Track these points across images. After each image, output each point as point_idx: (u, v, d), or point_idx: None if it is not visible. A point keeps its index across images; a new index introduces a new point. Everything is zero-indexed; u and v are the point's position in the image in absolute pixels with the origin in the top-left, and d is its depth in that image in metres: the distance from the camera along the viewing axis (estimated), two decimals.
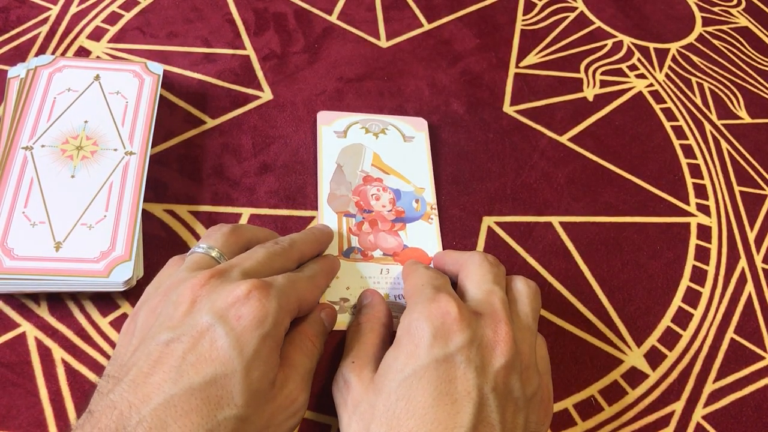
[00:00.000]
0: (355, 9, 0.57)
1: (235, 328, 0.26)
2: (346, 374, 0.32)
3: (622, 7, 0.63)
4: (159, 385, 0.25)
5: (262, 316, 0.27)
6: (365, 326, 0.35)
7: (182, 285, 0.29)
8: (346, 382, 0.32)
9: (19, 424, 0.33)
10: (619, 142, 0.52)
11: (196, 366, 0.25)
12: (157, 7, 0.53)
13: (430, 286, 0.33)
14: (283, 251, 0.34)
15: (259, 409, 0.27)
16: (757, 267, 0.47)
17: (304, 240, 0.37)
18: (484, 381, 0.28)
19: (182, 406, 0.24)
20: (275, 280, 0.30)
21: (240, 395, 0.26)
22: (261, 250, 0.33)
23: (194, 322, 0.27)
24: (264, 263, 0.32)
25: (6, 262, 0.35)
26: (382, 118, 0.49)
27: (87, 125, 0.41)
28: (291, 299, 0.30)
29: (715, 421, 0.39)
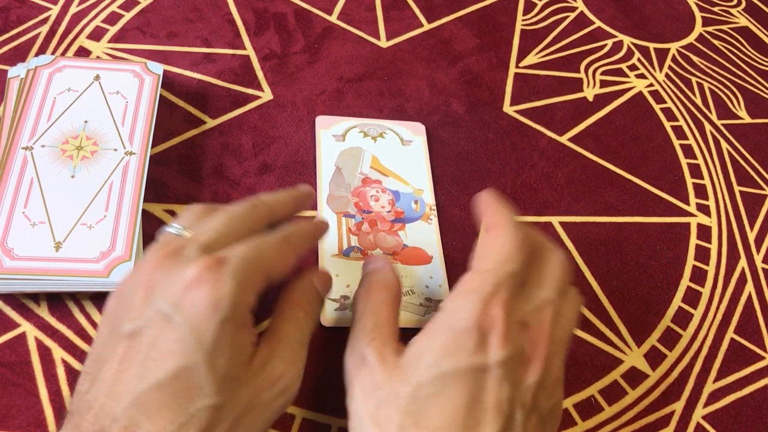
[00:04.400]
0: (355, 9, 0.57)
1: (190, 318, 0.25)
2: (364, 351, 0.29)
3: (622, 7, 0.63)
4: (128, 382, 0.24)
5: (217, 300, 0.25)
6: (377, 296, 0.32)
7: (138, 269, 0.27)
8: (364, 359, 0.29)
9: (19, 424, 0.33)
10: (619, 142, 0.52)
11: (159, 361, 0.24)
12: (157, 7, 0.53)
13: (505, 275, 0.29)
14: (246, 213, 0.30)
15: (235, 394, 0.26)
16: (757, 267, 0.47)
17: (274, 198, 0.33)
18: (516, 396, 0.27)
19: (152, 403, 0.24)
20: (232, 253, 0.27)
21: (209, 384, 0.25)
22: (219, 216, 0.30)
23: (152, 313, 0.25)
24: (223, 231, 0.29)
25: (6, 262, 0.35)
26: (380, 123, 0.49)
27: (87, 125, 0.41)
28: (253, 271, 0.27)
29: (715, 421, 0.39)
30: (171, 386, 0.24)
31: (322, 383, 0.37)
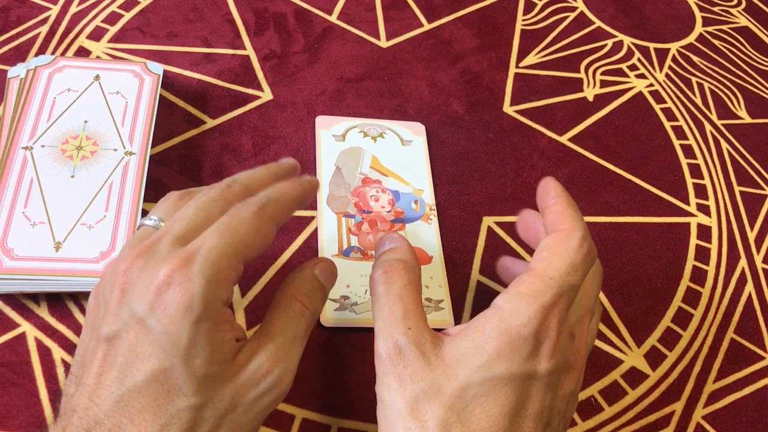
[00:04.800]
0: (355, 9, 0.57)
1: (162, 320, 0.24)
2: (401, 341, 0.28)
3: (622, 7, 0.63)
4: (108, 386, 0.24)
5: (188, 302, 0.24)
6: (401, 279, 0.30)
7: (114, 267, 0.27)
8: (400, 350, 0.28)
9: (18, 425, 0.33)
10: (619, 142, 0.52)
11: (137, 363, 0.24)
12: (157, 7, 0.53)
13: (568, 287, 0.28)
14: (220, 195, 0.28)
15: (216, 393, 0.25)
16: (757, 267, 0.47)
17: (251, 175, 0.30)
18: (555, 404, 0.28)
19: (133, 405, 0.24)
20: (203, 244, 0.26)
21: (187, 385, 0.24)
22: (192, 203, 0.28)
23: (127, 316, 0.25)
24: (197, 220, 0.27)
25: (6, 263, 0.35)
26: (380, 123, 0.49)
27: (87, 125, 0.41)
28: (224, 261, 0.26)
29: (715, 421, 0.39)
30: (150, 388, 0.24)
31: (322, 383, 0.37)
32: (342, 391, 0.37)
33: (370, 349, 0.38)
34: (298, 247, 0.42)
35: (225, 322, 0.26)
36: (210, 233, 0.26)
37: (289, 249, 0.42)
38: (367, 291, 0.40)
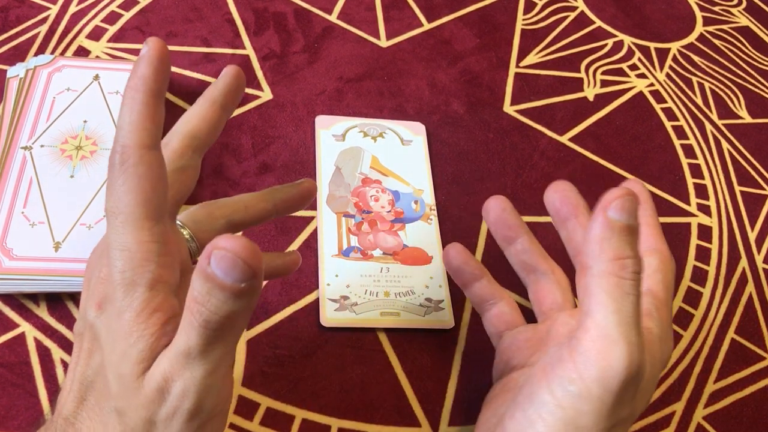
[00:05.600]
0: (355, 9, 0.57)
1: (98, 316, 0.24)
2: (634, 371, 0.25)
3: (623, 6, 0.63)
4: (72, 382, 0.25)
5: (111, 293, 0.24)
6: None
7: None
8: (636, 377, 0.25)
9: (18, 425, 0.33)
10: (619, 142, 0.52)
11: (88, 360, 0.25)
12: (157, 7, 0.53)
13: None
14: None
15: (131, 401, 0.22)
16: (758, 267, 0.47)
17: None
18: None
19: (90, 401, 0.24)
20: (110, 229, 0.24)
21: (112, 383, 0.23)
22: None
23: (83, 315, 0.26)
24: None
25: (5, 263, 0.35)
26: (380, 122, 0.49)
27: (86, 125, 0.41)
28: (130, 237, 0.23)
29: (716, 421, 0.39)
30: (97, 384, 0.24)
31: (322, 383, 0.37)
32: (342, 391, 0.37)
33: (370, 349, 0.39)
34: (298, 247, 0.42)
35: (153, 312, 0.22)
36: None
37: (289, 249, 0.41)
38: (366, 291, 0.40)
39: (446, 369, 0.39)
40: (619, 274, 0.25)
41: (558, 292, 0.34)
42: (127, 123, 0.23)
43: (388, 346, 0.39)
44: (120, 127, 0.23)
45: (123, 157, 0.23)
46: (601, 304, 0.24)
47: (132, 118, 0.23)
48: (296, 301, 0.39)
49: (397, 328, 0.39)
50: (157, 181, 0.23)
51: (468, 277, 0.36)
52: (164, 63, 0.24)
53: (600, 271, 0.25)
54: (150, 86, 0.23)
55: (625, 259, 0.25)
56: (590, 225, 0.26)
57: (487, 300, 0.36)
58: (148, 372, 0.22)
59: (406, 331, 0.39)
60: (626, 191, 0.25)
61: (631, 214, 0.25)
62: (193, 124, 0.28)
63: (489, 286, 0.36)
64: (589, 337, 0.24)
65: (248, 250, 0.19)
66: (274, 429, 0.35)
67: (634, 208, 0.25)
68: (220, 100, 0.28)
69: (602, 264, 0.25)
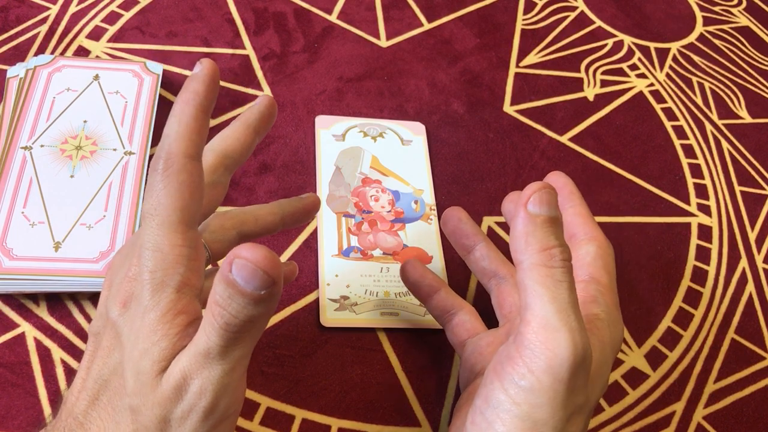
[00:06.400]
0: (355, 8, 0.57)
1: (122, 314, 0.25)
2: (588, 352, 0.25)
3: (623, 6, 0.63)
4: (90, 379, 0.25)
5: (139, 293, 0.24)
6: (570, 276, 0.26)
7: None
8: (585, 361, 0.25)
9: (18, 425, 0.33)
10: (619, 142, 0.52)
11: (105, 358, 0.25)
12: (157, 7, 0.53)
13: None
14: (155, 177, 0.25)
15: (148, 398, 0.23)
16: (758, 267, 0.47)
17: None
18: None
19: (102, 399, 0.24)
20: (144, 231, 0.25)
21: (129, 381, 0.23)
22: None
23: (104, 314, 0.26)
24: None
25: (5, 263, 0.35)
26: (380, 122, 0.49)
27: (86, 125, 0.41)
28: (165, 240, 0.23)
29: (716, 421, 0.39)
30: (112, 383, 0.24)
31: (322, 383, 0.37)
32: (342, 391, 0.37)
33: (370, 349, 0.39)
34: (298, 247, 0.42)
35: (178, 314, 0.23)
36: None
37: (289, 249, 0.41)
38: (366, 291, 0.40)
39: (446, 369, 0.39)
40: (548, 264, 0.25)
41: (516, 295, 0.34)
42: (175, 132, 0.24)
43: (388, 346, 0.39)
44: (167, 135, 0.25)
45: (167, 164, 0.24)
46: (536, 295, 0.25)
47: (180, 129, 0.24)
48: (296, 301, 0.39)
49: (397, 328, 0.39)
50: (196, 189, 0.24)
51: (426, 290, 0.36)
52: (215, 83, 0.25)
53: (530, 264, 0.25)
54: (200, 102, 0.25)
55: (552, 249, 0.25)
56: (513, 222, 0.27)
57: (448, 311, 0.36)
58: (167, 370, 0.23)
59: (406, 331, 0.39)
60: (543, 185, 0.26)
61: (551, 206, 0.26)
62: (227, 143, 0.29)
63: (447, 297, 0.36)
64: (531, 329, 0.25)
65: (268, 260, 0.20)
66: (274, 429, 0.35)
67: (552, 199, 0.26)
68: (254, 124, 0.30)
69: (531, 257, 0.25)
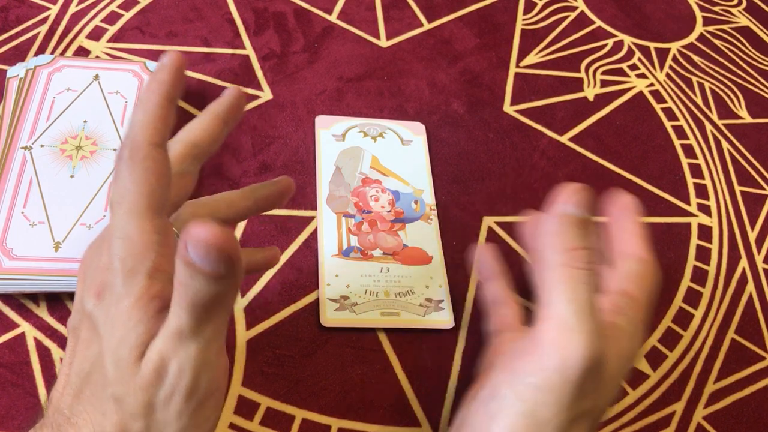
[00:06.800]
0: (355, 9, 0.57)
1: (97, 305, 0.25)
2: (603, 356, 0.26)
3: (623, 6, 0.63)
4: (72, 375, 0.25)
5: (111, 283, 0.24)
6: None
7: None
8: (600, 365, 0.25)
9: (18, 425, 0.33)
10: (619, 142, 0.52)
11: (84, 352, 0.25)
12: (157, 7, 0.53)
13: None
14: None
15: (129, 386, 0.23)
16: (758, 267, 0.47)
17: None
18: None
19: (85, 393, 0.24)
20: (114, 221, 0.25)
21: (110, 370, 0.23)
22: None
23: (80, 308, 0.26)
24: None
25: (5, 263, 0.35)
26: (380, 122, 0.49)
27: (86, 125, 0.41)
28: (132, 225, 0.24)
29: (716, 421, 0.39)
30: (94, 375, 0.24)
31: (322, 383, 0.37)
32: (342, 391, 0.37)
33: (370, 349, 0.39)
34: (298, 247, 0.42)
35: (152, 299, 0.23)
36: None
37: (289, 249, 0.41)
38: (366, 291, 0.40)
39: (446, 369, 0.38)
40: (572, 264, 0.25)
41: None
42: (140, 121, 0.24)
43: (388, 346, 0.39)
44: (132, 124, 0.24)
45: (132, 151, 0.24)
46: (557, 294, 0.25)
47: (145, 117, 0.24)
48: (296, 301, 0.39)
49: (397, 328, 0.39)
50: (162, 176, 0.24)
51: (491, 273, 0.38)
52: (180, 73, 0.25)
53: (554, 263, 0.25)
54: (166, 90, 0.25)
55: (577, 250, 0.25)
56: (545, 220, 0.26)
57: (498, 300, 0.37)
58: (145, 355, 0.22)
59: (406, 331, 0.39)
60: (581, 186, 0.26)
61: (583, 208, 0.26)
62: (195, 133, 0.29)
63: (504, 288, 0.37)
64: (548, 327, 0.25)
65: (220, 237, 0.19)
66: (274, 429, 0.35)
67: (586, 202, 0.26)
68: (222, 114, 0.30)
69: (555, 255, 0.25)
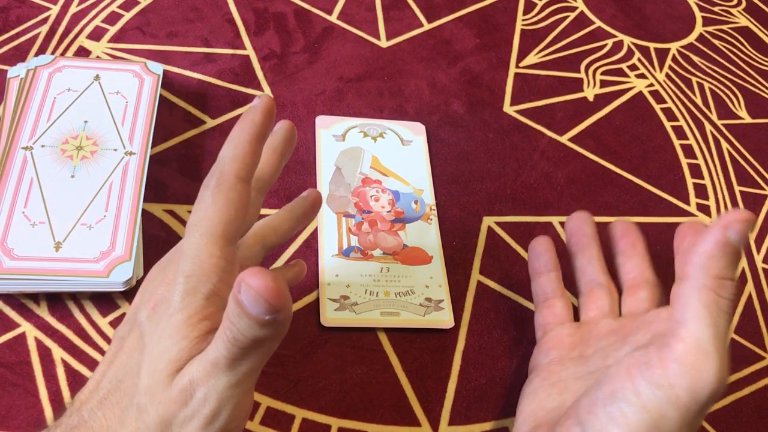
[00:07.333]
0: (355, 9, 0.57)
1: (150, 317, 0.26)
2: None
3: (623, 6, 0.63)
4: (101, 382, 0.25)
5: (170, 297, 0.25)
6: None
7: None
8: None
9: (18, 425, 0.33)
10: (619, 142, 0.52)
11: (124, 360, 0.25)
12: (157, 7, 0.53)
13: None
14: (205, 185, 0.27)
15: (155, 398, 0.23)
16: (758, 267, 0.47)
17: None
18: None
19: (111, 399, 0.25)
20: (189, 239, 0.25)
21: (143, 379, 0.24)
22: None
23: (132, 320, 0.27)
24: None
25: (6, 262, 0.35)
26: (380, 123, 0.49)
27: (87, 125, 0.41)
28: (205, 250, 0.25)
29: (716, 421, 0.39)
30: (125, 383, 0.25)
31: (322, 383, 0.37)
32: (342, 391, 0.37)
33: (370, 349, 0.39)
34: (298, 247, 0.42)
35: (202, 320, 0.24)
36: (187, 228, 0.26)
37: (289, 249, 0.42)
38: (366, 291, 0.40)
39: (446, 369, 0.39)
40: (718, 292, 0.25)
41: (607, 303, 0.36)
42: (230, 155, 0.26)
43: (388, 346, 0.39)
44: (222, 157, 0.27)
45: (218, 182, 0.26)
46: (697, 316, 0.25)
47: (234, 152, 0.26)
48: (296, 301, 0.39)
49: (397, 328, 0.39)
50: (241, 209, 0.26)
51: (544, 266, 0.38)
52: (271, 115, 0.28)
53: (701, 285, 0.25)
54: (256, 130, 0.27)
55: (726, 280, 0.26)
56: (703, 238, 0.26)
57: (548, 293, 0.37)
58: (179, 373, 0.24)
59: (406, 331, 0.39)
60: (749, 216, 0.26)
61: (744, 240, 0.26)
62: (258, 168, 0.30)
63: (557, 281, 0.38)
64: (683, 346, 0.25)
65: (271, 289, 0.21)
66: (274, 429, 0.35)
67: (747, 234, 0.26)
68: (279, 148, 0.31)
69: (705, 278, 0.25)
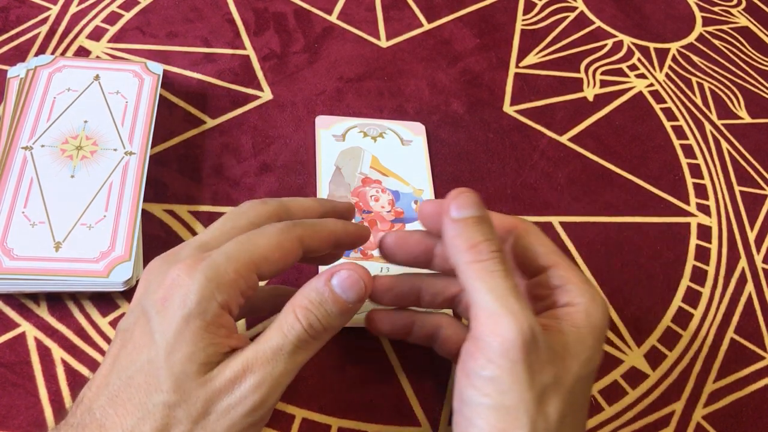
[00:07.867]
0: (355, 9, 0.57)
1: (160, 313, 0.25)
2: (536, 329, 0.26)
3: (623, 6, 0.63)
4: (109, 377, 0.25)
5: (183, 296, 0.25)
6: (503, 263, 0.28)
7: (144, 271, 0.29)
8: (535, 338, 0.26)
9: (18, 424, 0.33)
10: (619, 142, 0.52)
11: (132, 355, 0.25)
12: (157, 7, 0.53)
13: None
14: (251, 207, 0.29)
15: (191, 394, 0.25)
16: (758, 267, 0.47)
17: (296, 199, 0.31)
18: None
19: (121, 396, 0.25)
20: (217, 250, 0.27)
21: (164, 380, 0.24)
22: (225, 214, 0.30)
23: (138, 313, 0.27)
24: (222, 229, 0.29)
25: (6, 262, 0.35)
26: (381, 123, 0.49)
27: (87, 125, 0.41)
28: (231, 266, 0.26)
29: (716, 421, 0.39)
30: (136, 380, 0.25)
31: (322, 383, 0.37)
32: (342, 391, 0.37)
33: (370, 349, 0.39)
34: None
35: (220, 326, 0.26)
36: (229, 241, 0.27)
37: None
38: None
39: (446, 369, 0.39)
40: (478, 258, 0.27)
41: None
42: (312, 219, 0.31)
43: (388, 346, 0.39)
44: (305, 207, 0.31)
45: (288, 226, 0.28)
46: (475, 289, 0.27)
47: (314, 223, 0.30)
48: None
49: None
50: (288, 256, 0.28)
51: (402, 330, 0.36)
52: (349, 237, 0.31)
53: (464, 263, 0.27)
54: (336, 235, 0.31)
55: (479, 244, 0.27)
56: (442, 231, 0.29)
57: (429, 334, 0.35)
58: (224, 362, 0.25)
59: None
60: (460, 191, 0.29)
61: (472, 207, 0.28)
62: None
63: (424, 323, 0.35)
64: (479, 322, 0.26)
65: (367, 275, 0.28)
66: (274, 429, 0.35)
67: (472, 200, 0.28)
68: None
69: (462, 256, 0.28)
